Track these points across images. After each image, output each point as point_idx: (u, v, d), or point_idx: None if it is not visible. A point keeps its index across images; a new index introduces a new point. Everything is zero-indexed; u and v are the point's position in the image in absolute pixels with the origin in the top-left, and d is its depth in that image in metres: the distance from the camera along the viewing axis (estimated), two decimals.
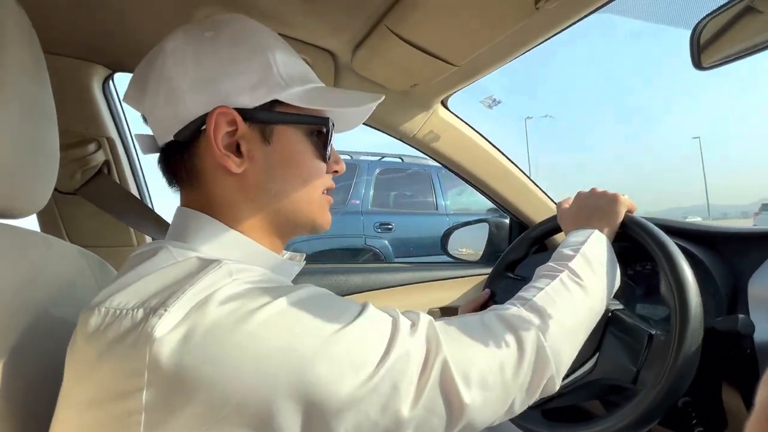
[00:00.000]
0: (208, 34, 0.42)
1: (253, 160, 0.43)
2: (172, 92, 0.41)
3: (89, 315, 0.33)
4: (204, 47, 0.42)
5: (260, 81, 0.42)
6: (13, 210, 0.41)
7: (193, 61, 0.41)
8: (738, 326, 0.56)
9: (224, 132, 0.41)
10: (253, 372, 0.31)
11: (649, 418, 0.55)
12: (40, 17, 0.46)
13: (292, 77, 0.44)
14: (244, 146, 0.42)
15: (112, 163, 0.90)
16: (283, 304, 0.34)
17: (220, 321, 0.32)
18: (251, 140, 0.43)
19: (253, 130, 0.43)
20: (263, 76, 0.42)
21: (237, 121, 0.41)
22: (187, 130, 0.42)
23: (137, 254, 0.39)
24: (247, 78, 0.42)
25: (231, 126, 0.42)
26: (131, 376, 0.30)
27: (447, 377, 0.38)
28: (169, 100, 0.42)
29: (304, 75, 0.46)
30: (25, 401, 0.36)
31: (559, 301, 0.49)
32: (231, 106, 0.41)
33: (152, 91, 0.43)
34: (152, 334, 0.30)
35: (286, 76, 0.43)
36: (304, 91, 0.44)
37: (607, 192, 0.66)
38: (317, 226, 0.48)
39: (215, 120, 0.41)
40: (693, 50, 0.58)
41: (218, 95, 0.41)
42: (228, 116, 0.41)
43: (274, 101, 0.43)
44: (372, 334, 0.37)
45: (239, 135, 0.42)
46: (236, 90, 0.41)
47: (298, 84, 0.44)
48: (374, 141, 7.97)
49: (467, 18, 0.65)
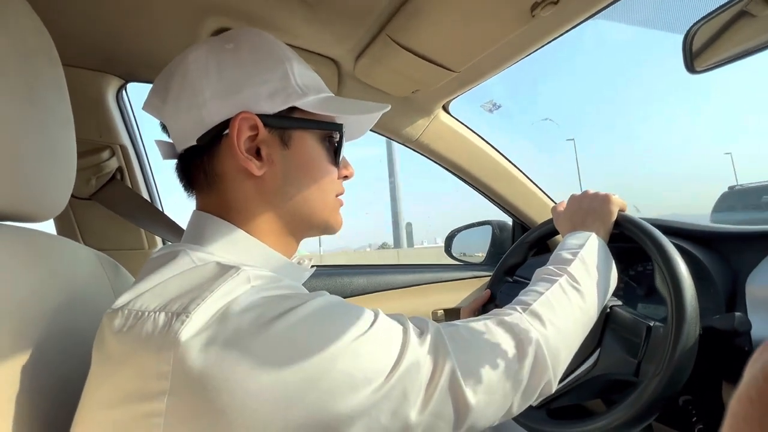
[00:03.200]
0: (229, 46, 0.45)
1: (272, 163, 0.45)
2: (194, 99, 0.43)
3: (114, 316, 0.34)
4: (226, 58, 0.44)
5: (279, 89, 0.44)
6: (33, 214, 0.43)
7: (216, 70, 0.43)
8: (736, 324, 0.57)
9: (246, 136, 0.43)
10: (270, 380, 0.32)
11: (651, 409, 0.56)
12: (59, 31, 0.48)
13: (308, 86, 0.46)
14: (264, 150, 0.44)
15: (125, 170, 0.93)
16: (300, 314, 0.35)
17: (241, 329, 0.32)
18: (271, 144, 0.45)
19: (272, 135, 0.45)
20: (282, 84, 0.45)
21: (258, 126, 0.44)
22: (209, 134, 0.44)
23: (157, 257, 0.40)
24: (267, 86, 0.44)
25: (252, 131, 0.44)
26: (155, 379, 0.31)
27: (454, 383, 0.39)
28: (191, 107, 0.43)
29: (317, 85, 0.48)
30: (43, 402, 0.36)
31: (558, 307, 0.50)
32: (253, 113, 0.43)
33: (174, 98, 0.44)
34: (177, 338, 0.31)
35: (303, 86, 0.46)
36: (319, 99, 0.47)
37: (599, 193, 0.68)
38: (330, 227, 0.50)
39: (238, 125, 0.43)
40: (686, 54, 0.59)
41: (241, 102, 0.43)
42: (250, 121, 0.43)
43: (291, 108, 0.45)
44: (384, 343, 0.38)
45: (260, 139, 0.44)
46: (257, 97, 0.44)
47: (313, 93, 0.46)
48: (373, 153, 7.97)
49: (466, 26, 0.67)
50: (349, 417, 0.34)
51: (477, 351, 0.42)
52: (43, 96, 0.42)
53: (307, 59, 0.79)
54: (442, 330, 0.42)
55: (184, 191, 0.49)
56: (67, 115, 0.46)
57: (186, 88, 0.44)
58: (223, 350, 0.31)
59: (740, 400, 0.19)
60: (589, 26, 1.44)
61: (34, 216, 0.44)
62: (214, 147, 0.45)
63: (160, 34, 0.74)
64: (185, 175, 0.48)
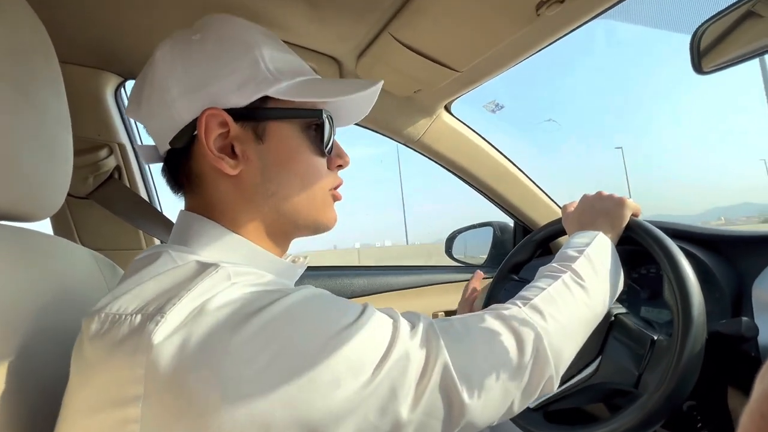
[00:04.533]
0: (195, 37, 0.42)
1: (247, 160, 0.42)
2: (163, 100, 0.41)
3: (90, 321, 0.32)
4: (192, 51, 0.41)
5: (248, 78, 0.41)
6: (29, 214, 0.42)
7: (181, 66, 0.41)
8: (742, 329, 0.56)
9: (216, 134, 0.41)
10: (250, 378, 0.30)
11: (651, 421, 0.55)
12: (56, 28, 0.47)
13: (282, 72, 0.43)
14: (238, 147, 0.42)
15: (123, 168, 0.92)
16: (280, 307, 0.33)
17: (217, 327, 0.31)
18: (244, 140, 0.42)
19: (245, 129, 0.42)
20: (251, 73, 0.41)
21: (228, 121, 0.41)
22: (182, 136, 0.42)
23: (139, 259, 0.39)
24: (234, 77, 0.41)
25: (222, 127, 0.41)
26: (129, 384, 0.29)
27: (447, 379, 0.37)
28: (161, 108, 0.41)
29: (295, 69, 0.44)
30: (34, 403, 0.36)
31: (561, 302, 0.48)
32: (222, 107, 0.41)
33: (146, 100, 0.42)
34: (150, 341, 0.29)
35: (275, 71, 0.42)
36: (294, 85, 0.43)
37: (614, 195, 0.65)
38: (320, 225, 0.47)
39: (205, 122, 0.40)
40: (693, 54, 0.58)
41: (208, 97, 0.41)
42: (218, 117, 0.41)
43: (264, 98, 0.42)
44: (371, 336, 0.36)
45: (232, 136, 0.42)
46: (225, 90, 0.41)
47: (288, 78, 0.43)
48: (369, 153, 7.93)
49: (470, 25, 0.66)
50: (335, 415, 0.32)
51: (472, 346, 0.40)
52: (40, 94, 0.42)
53: (308, 57, 0.79)
54: (435, 324, 0.40)
55: (173, 193, 0.47)
56: (64, 113, 0.46)
57: (155, 88, 0.41)
58: (199, 350, 0.30)
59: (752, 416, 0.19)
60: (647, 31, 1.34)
61: (30, 215, 0.43)
62: (190, 148, 0.43)
63: (159, 31, 0.73)
64: (170, 178, 0.46)
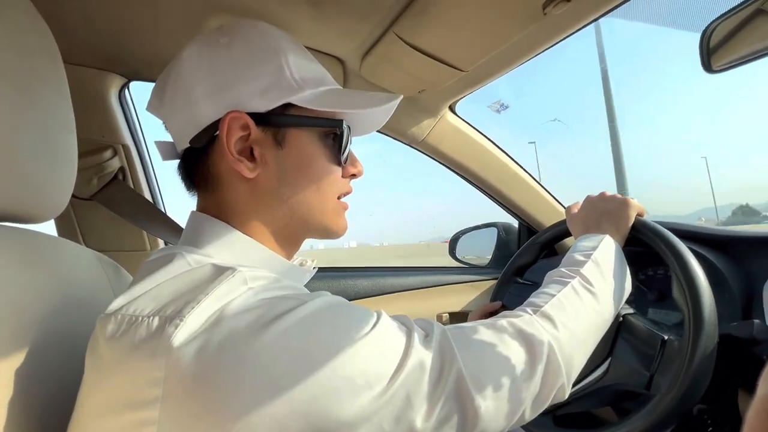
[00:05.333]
0: (223, 40, 0.43)
1: (265, 164, 0.43)
2: (187, 99, 0.42)
3: (107, 322, 0.33)
4: (219, 54, 0.42)
5: (272, 84, 0.42)
6: (33, 215, 0.42)
7: (207, 67, 0.42)
8: (755, 332, 0.55)
9: (237, 137, 0.42)
10: (267, 385, 0.31)
11: (663, 424, 0.54)
12: (61, 29, 0.47)
13: (306, 80, 0.44)
14: (257, 151, 0.43)
15: (127, 170, 0.92)
16: (299, 315, 0.33)
17: (236, 332, 0.31)
18: (264, 144, 0.43)
19: (266, 134, 0.43)
20: (275, 79, 0.42)
21: (249, 125, 0.42)
22: (203, 135, 0.43)
23: (152, 260, 0.39)
24: (259, 82, 0.42)
25: (244, 131, 0.42)
26: (148, 386, 0.30)
27: (461, 387, 0.38)
28: (185, 106, 0.42)
29: (319, 78, 0.46)
30: (42, 405, 0.36)
31: (570, 309, 0.48)
32: (244, 111, 0.42)
33: (169, 97, 0.44)
34: (170, 343, 0.30)
35: (299, 79, 0.43)
36: (317, 94, 0.44)
37: (617, 196, 0.65)
38: (330, 231, 0.48)
39: (228, 124, 0.41)
40: (703, 53, 0.58)
41: (231, 100, 0.42)
42: (240, 120, 0.42)
43: (286, 105, 0.43)
44: (387, 346, 0.36)
45: (252, 139, 0.42)
46: (249, 95, 0.42)
47: (311, 86, 0.44)
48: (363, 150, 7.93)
49: (475, 24, 0.65)
50: (350, 424, 0.33)
51: (485, 354, 0.41)
52: (44, 95, 0.41)
53: None
54: (448, 332, 0.40)
55: (187, 191, 0.48)
56: (69, 114, 0.45)
57: (179, 86, 0.42)
58: (218, 355, 0.30)
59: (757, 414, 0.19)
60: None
61: (35, 217, 0.43)
62: (209, 148, 0.44)
63: (163, 32, 0.73)
64: (186, 176, 0.47)
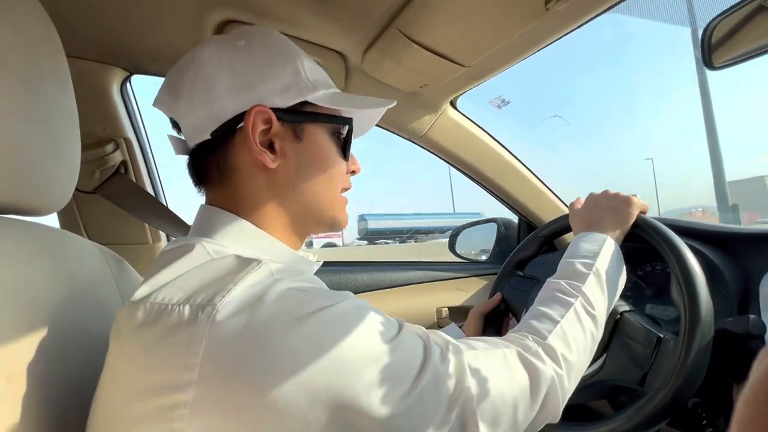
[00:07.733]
0: (240, 43, 0.46)
1: (285, 156, 0.46)
2: (208, 95, 0.44)
3: (135, 309, 0.34)
4: (238, 54, 0.45)
5: (291, 84, 0.46)
6: (36, 208, 0.43)
7: (229, 66, 0.44)
8: (750, 327, 0.56)
9: (260, 129, 0.44)
10: (297, 376, 0.32)
11: (656, 419, 0.55)
12: (63, 22, 0.47)
13: (318, 82, 0.47)
14: (278, 143, 0.45)
15: (129, 163, 0.92)
16: (333, 314, 0.35)
17: (273, 322, 0.33)
18: (284, 138, 0.46)
19: (285, 128, 0.46)
20: (294, 80, 0.46)
21: (272, 119, 0.45)
22: (224, 128, 0.44)
23: (170, 249, 0.40)
24: (279, 81, 0.45)
25: (266, 124, 0.45)
26: (183, 371, 0.31)
27: (469, 410, 0.39)
28: (205, 102, 0.44)
29: (326, 81, 0.50)
30: (48, 396, 0.36)
31: (572, 340, 0.50)
32: (266, 106, 0.44)
33: (187, 95, 0.45)
34: (205, 330, 0.31)
35: (313, 81, 0.47)
36: (329, 95, 0.48)
37: (620, 194, 0.66)
38: (337, 223, 0.51)
39: (253, 118, 0.44)
40: (704, 50, 0.58)
41: (254, 96, 0.44)
42: (264, 115, 0.44)
43: (303, 102, 0.46)
44: (408, 355, 0.38)
45: (273, 133, 0.45)
46: (270, 92, 0.45)
47: (323, 88, 0.48)
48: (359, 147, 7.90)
49: (477, 19, 0.65)
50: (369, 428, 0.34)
51: (493, 381, 0.42)
52: (47, 88, 0.42)
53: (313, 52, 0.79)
54: (461, 352, 0.42)
55: (194, 186, 0.49)
56: (71, 107, 0.46)
57: (199, 84, 0.44)
58: (254, 342, 0.32)
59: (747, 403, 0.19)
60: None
61: (38, 210, 0.43)
62: (227, 141, 0.45)
63: (166, 26, 0.73)
64: (197, 171, 0.48)
